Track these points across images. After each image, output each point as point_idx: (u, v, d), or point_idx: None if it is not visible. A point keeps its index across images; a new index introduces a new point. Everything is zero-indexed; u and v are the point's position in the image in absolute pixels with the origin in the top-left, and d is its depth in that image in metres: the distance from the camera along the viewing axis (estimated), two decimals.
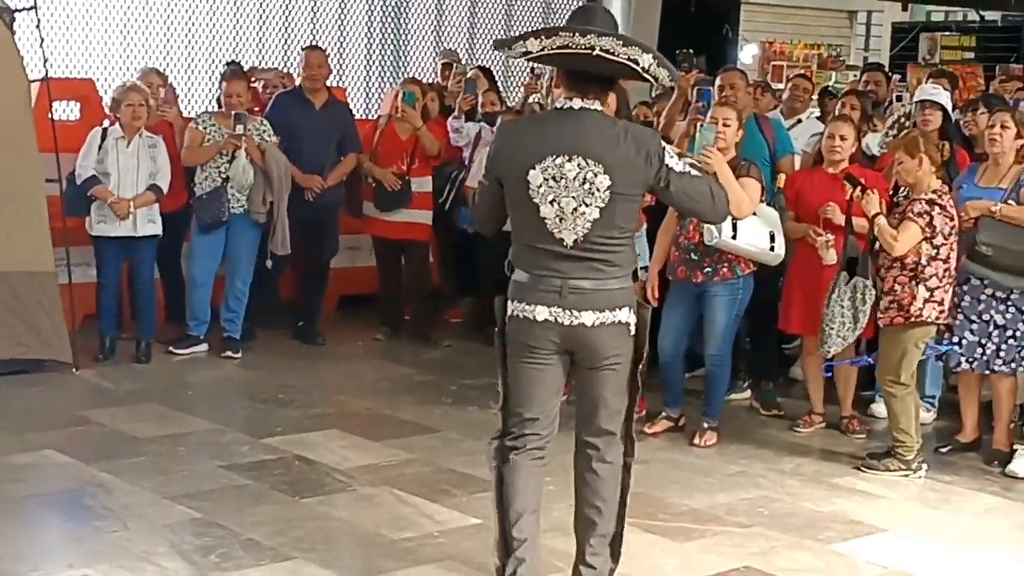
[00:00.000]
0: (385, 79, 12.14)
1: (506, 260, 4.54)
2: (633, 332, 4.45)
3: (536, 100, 9.54)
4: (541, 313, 4.39)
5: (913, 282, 6.30)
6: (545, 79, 10.03)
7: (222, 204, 8.11)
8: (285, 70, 10.22)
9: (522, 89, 10.64)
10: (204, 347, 8.32)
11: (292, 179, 8.34)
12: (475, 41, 12.78)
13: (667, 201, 4.61)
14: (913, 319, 6.31)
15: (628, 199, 4.35)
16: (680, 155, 4.51)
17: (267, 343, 8.69)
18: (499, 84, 11.24)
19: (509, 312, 4.50)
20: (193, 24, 10.82)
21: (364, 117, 10.72)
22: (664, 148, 4.38)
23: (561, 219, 4.32)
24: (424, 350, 8.80)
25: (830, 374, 6.96)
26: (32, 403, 7.10)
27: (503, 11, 12.90)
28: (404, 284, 9.13)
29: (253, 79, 9.12)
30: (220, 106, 8.67)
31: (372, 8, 12.06)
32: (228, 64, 9.65)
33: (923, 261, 6.28)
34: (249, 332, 8.54)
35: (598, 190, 4.29)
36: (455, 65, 10.37)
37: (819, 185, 6.91)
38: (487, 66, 11.09)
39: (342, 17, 11.86)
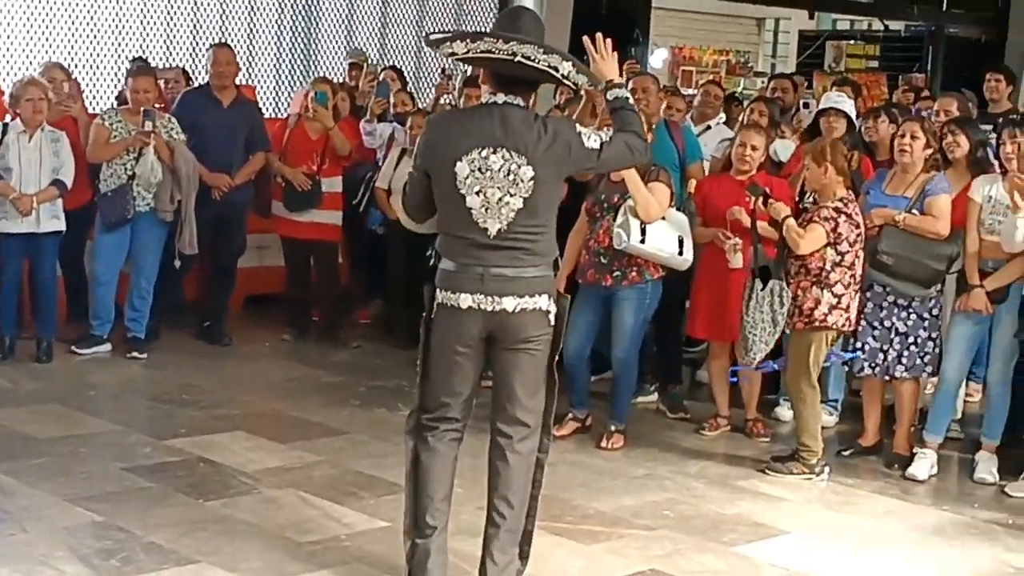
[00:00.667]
0: (295, 78, 12.04)
1: (429, 251, 4.71)
2: (552, 321, 4.58)
3: (448, 101, 9.56)
4: (465, 300, 4.52)
5: (817, 287, 6.40)
6: (457, 80, 10.04)
7: (128, 201, 7.99)
8: (189, 68, 10.12)
9: (433, 90, 10.64)
10: (107, 347, 8.20)
11: (200, 178, 8.25)
12: (386, 41, 12.73)
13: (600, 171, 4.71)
14: (818, 324, 6.41)
15: (550, 189, 4.53)
16: (591, 129, 4.64)
17: (172, 343, 8.58)
18: (410, 85, 11.22)
19: (437, 300, 4.61)
20: (99, 19, 10.65)
21: (273, 116, 10.63)
22: (579, 133, 4.53)
23: (487, 209, 4.47)
24: (332, 351, 8.75)
25: (736, 380, 7.04)
26: None
27: (415, 11, 12.86)
28: (313, 285, 9.08)
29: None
30: (120, 102, 8.54)
31: (282, 6, 11.95)
32: (134, 60, 9.52)
33: (827, 267, 6.38)
34: (153, 332, 8.42)
35: (522, 181, 4.45)
36: (365, 65, 10.34)
37: (727, 191, 6.99)
38: (398, 67, 11.06)
39: (252, 14, 11.74)
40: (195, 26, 11.24)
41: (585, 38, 4.75)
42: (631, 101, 4.70)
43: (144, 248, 8.16)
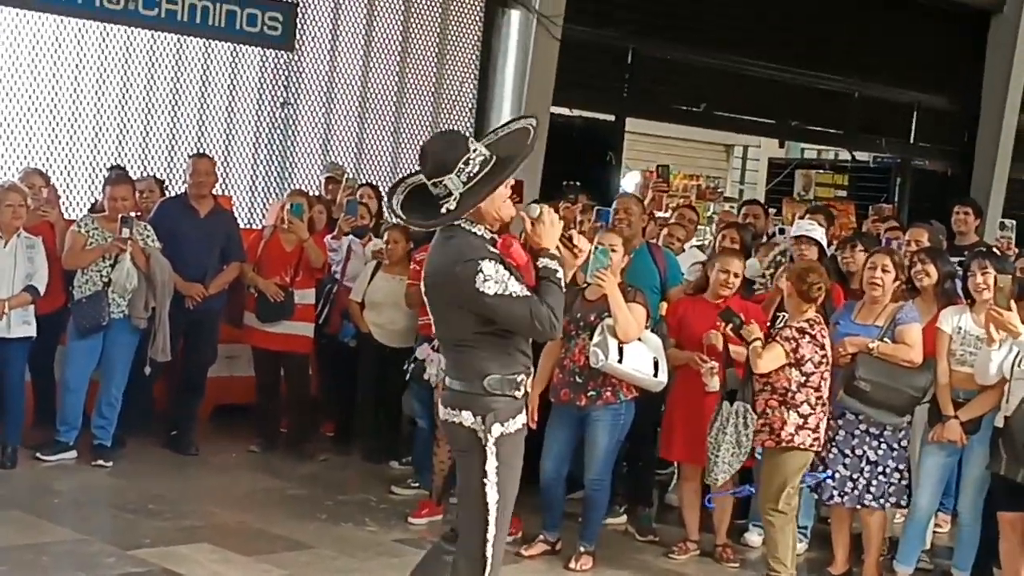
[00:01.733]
0: (271, 189, 12.11)
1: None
2: (483, 441, 4.60)
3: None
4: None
5: (783, 407, 6.44)
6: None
7: (102, 308, 7.98)
8: (165, 177, 10.17)
9: None
10: (73, 454, 8.11)
11: (174, 286, 8.25)
12: (363, 155, 12.85)
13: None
14: (785, 444, 6.43)
15: (447, 312, 4.68)
16: (504, 277, 4.52)
17: (138, 451, 8.49)
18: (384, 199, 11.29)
19: None
20: (78, 126, 10.71)
21: (248, 226, 10.66)
22: (479, 271, 4.48)
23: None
24: (300, 463, 8.68)
25: (711, 505, 7.02)
26: None
27: (391, 125, 13.01)
28: (283, 395, 9.03)
29: None
30: (94, 210, 8.56)
31: (260, 117, 12.07)
32: (112, 168, 9.56)
33: (793, 387, 6.44)
34: (120, 440, 8.34)
35: (428, 303, 4.75)
36: (344, 179, 10.42)
37: (702, 314, 7.04)
38: (374, 182, 11.15)
39: (229, 125, 11.84)
40: (172, 135, 11.31)
41: (541, 209, 4.73)
42: (559, 276, 4.64)
43: (116, 355, 8.12)
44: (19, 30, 10.39)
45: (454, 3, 13.12)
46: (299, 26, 11.90)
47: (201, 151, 10.45)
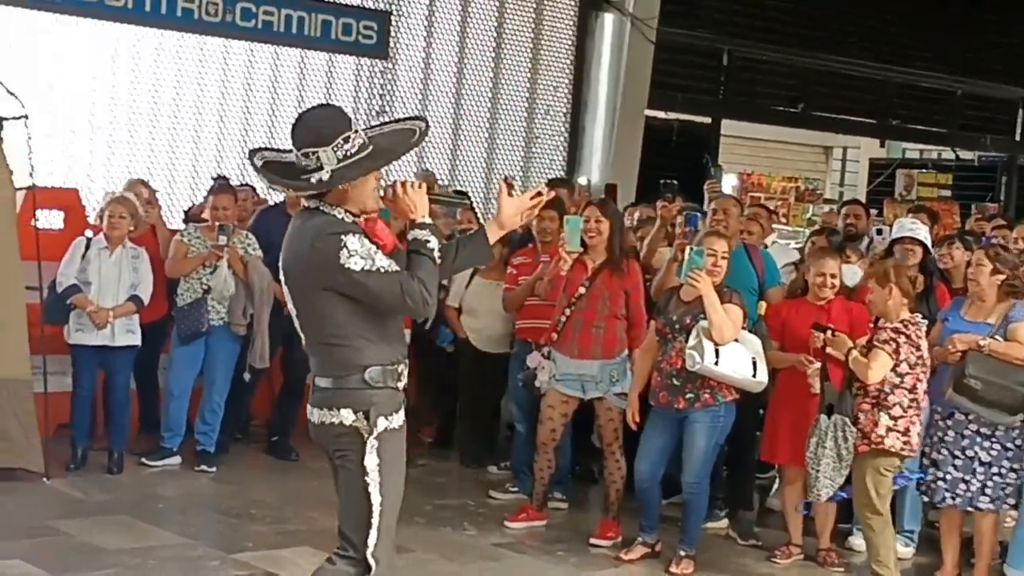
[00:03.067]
0: None
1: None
2: (364, 436, 4.32)
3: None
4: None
5: (876, 409, 6.32)
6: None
7: (202, 315, 8.08)
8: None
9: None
10: (177, 459, 8.22)
11: (273, 293, 8.32)
12: (457, 161, 12.91)
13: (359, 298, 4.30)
14: (874, 446, 6.31)
15: (312, 299, 4.30)
16: (371, 252, 4.24)
17: (239, 457, 8.59)
18: (479, 206, 11.35)
19: None
20: (178, 135, 10.90)
21: None
22: (343, 246, 4.18)
23: (296, 316, 4.43)
24: None
25: (808, 512, 6.91)
26: (1, 511, 6.97)
27: (485, 131, 13.05)
28: None
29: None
30: (189, 217, 8.67)
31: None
32: (216, 178, 9.68)
33: (886, 389, 6.31)
34: (221, 445, 8.45)
35: (289, 290, 4.37)
36: (435, 185, 10.45)
37: (806, 315, 6.92)
38: (465, 190, 11.19)
39: None
40: (270, 144, 11.46)
41: (396, 181, 4.39)
42: (431, 247, 4.31)
43: (217, 362, 8.22)
44: (121, 44, 10.61)
45: (547, 8, 13.14)
46: (393, 34, 12.02)
47: None
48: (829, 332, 6.49)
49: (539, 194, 4.66)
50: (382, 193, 4.38)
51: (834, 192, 21.00)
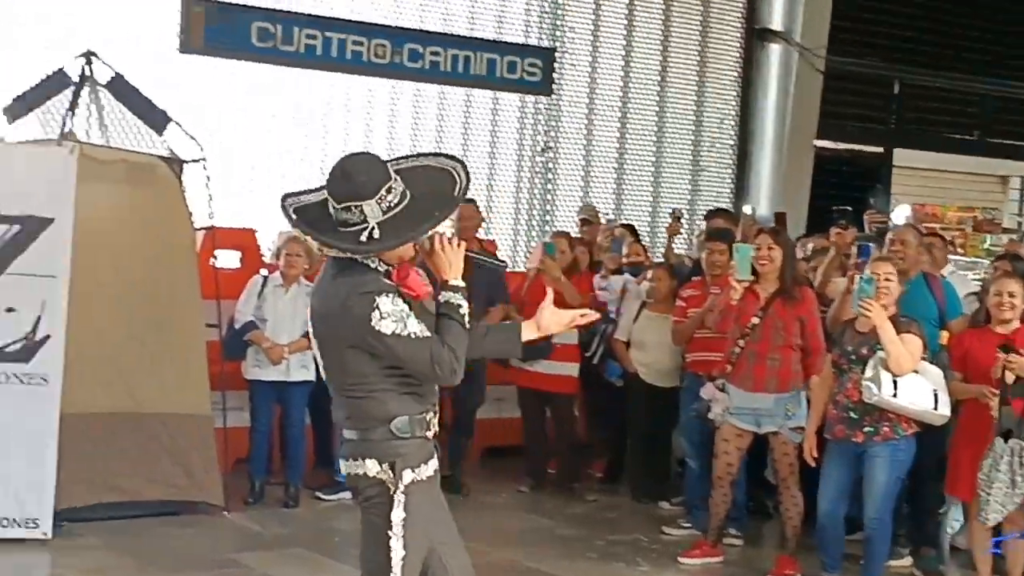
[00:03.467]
0: (533, 232, 12.27)
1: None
2: (391, 490, 4.14)
3: (686, 252, 9.55)
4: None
5: None
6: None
7: None
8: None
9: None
10: (350, 493, 8.29)
11: None
12: (622, 196, 12.89)
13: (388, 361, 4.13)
14: None
15: (340, 353, 4.12)
16: (403, 314, 4.05)
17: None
18: (644, 239, 11.30)
19: None
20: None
21: (512, 269, 10.81)
22: (375, 307, 4.01)
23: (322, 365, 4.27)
24: (568, 504, 8.67)
25: (999, 551, 6.65)
26: (183, 544, 7.16)
27: (651, 165, 13.02)
28: (550, 436, 9.06)
29: None
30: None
31: (520, 161, 12.27)
32: None
33: None
34: None
35: (315, 340, 4.22)
36: (598, 220, 10.45)
37: (989, 344, 6.69)
38: (631, 223, 11.15)
39: (491, 170, 12.08)
40: None
41: (436, 234, 4.17)
42: (463, 312, 4.13)
43: None
44: (290, 86, 10.89)
45: (713, 40, 13.07)
46: (557, 71, 12.08)
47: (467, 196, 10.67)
48: (1014, 354, 6.25)
49: (584, 315, 4.48)
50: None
51: (1012, 222, 20.34)
